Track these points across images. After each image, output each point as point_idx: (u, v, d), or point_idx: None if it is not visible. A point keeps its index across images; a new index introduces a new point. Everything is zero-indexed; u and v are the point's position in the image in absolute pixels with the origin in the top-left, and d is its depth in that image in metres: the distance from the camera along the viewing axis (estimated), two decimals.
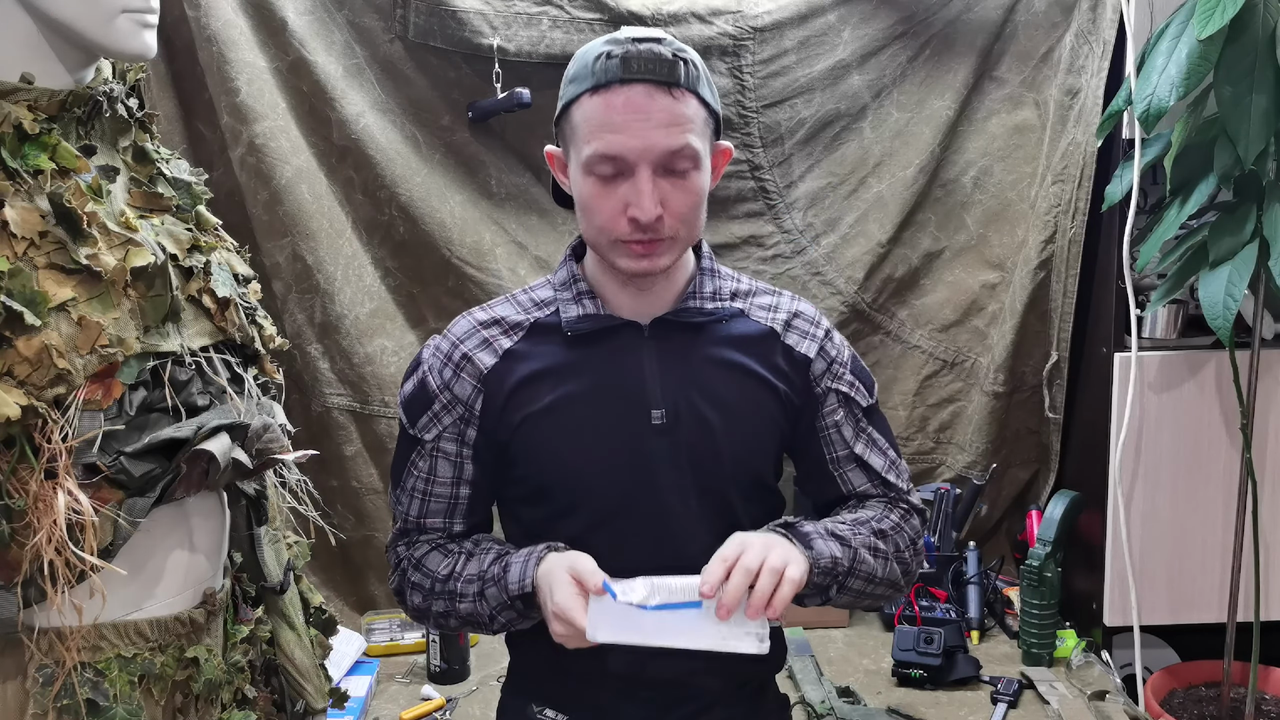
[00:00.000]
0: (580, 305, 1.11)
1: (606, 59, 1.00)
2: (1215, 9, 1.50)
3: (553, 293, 1.14)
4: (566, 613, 0.97)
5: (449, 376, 1.10)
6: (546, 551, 1.06)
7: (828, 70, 2.11)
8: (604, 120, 1.00)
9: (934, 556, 2.11)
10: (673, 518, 1.11)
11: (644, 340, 1.11)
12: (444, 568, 1.11)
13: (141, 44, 1.03)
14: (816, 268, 2.18)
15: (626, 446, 1.09)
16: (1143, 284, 1.95)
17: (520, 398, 1.09)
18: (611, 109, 0.99)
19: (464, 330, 1.13)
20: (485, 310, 1.15)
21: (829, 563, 1.04)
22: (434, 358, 1.12)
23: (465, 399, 1.10)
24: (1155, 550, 1.93)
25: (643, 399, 1.09)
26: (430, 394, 1.11)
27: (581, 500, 1.10)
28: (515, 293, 1.17)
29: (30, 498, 0.94)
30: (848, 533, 1.09)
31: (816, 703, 1.78)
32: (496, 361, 1.10)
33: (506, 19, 1.99)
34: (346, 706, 1.47)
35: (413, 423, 1.12)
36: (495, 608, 1.07)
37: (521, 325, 1.12)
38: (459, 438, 1.12)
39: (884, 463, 1.19)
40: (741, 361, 1.13)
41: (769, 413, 1.15)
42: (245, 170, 1.94)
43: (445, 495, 1.14)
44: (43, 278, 0.95)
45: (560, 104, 1.05)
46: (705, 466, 1.11)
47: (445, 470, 1.13)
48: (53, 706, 0.98)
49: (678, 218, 1.03)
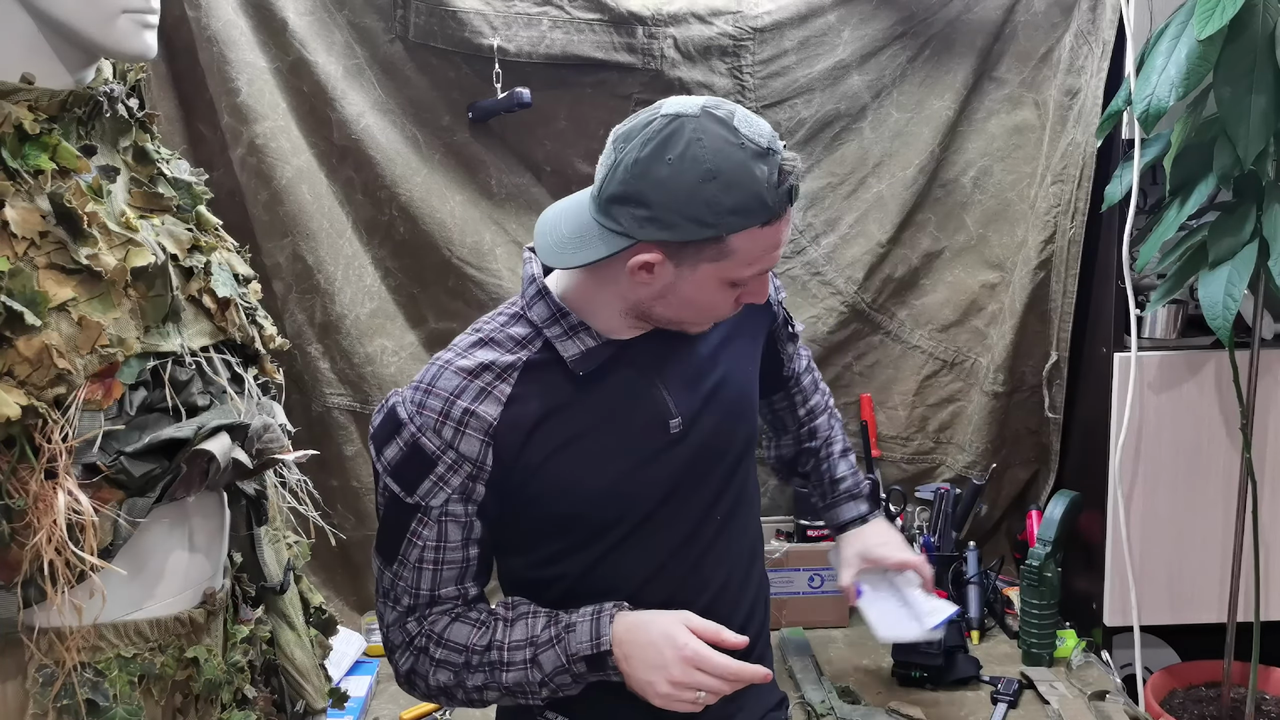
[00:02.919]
0: (578, 341, 1.07)
1: (777, 187, 0.96)
2: (1215, 9, 1.50)
3: (532, 329, 1.08)
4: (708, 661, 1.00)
5: (450, 435, 1.03)
6: (616, 610, 1.04)
7: (827, 70, 2.11)
8: (774, 243, 1.01)
9: (934, 556, 2.11)
10: (695, 512, 1.13)
11: (648, 352, 1.10)
12: (479, 638, 1.06)
13: (142, 44, 1.03)
14: (816, 268, 2.18)
15: (649, 461, 1.09)
16: (1142, 284, 1.95)
17: (537, 439, 1.06)
18: (780, 234, 1.01)
19: (453, 384, 1.04)
20: (465, 357, 1.06)
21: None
22: (422, 416, 1.03)
23: (474, 456, 1.04)
24: (1155, 550, 1.93)
25: (659, 412, 1.10)
26: (430, 456, 1.03)
27: (611, 521, 1.10)
28: (485, 332, 1.09)
29: (30, 498, 0.94)
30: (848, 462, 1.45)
31: (816, 703, 1.78)
32: (502, 410, 1.04)
33: (506, 19, 1.99)
34: (346, 706, 1.47)
35: (410, 490, 1.05)
36: (551, 672, 1.03)
37: (514, 366, 1.06)
38: (467, 497, 1.05)
39: (794, 319, 1.37)
40: (728, 334, 1.18)
41: (755, 365, 1.25)
42: (246, 170, 1.94)
43: (458, 560, 1.08)
44: (43, 278, 0.95)
45: (714, 231, 0.97)
46: (720, 455, 1.14)
47: (456, 534, 1.06)
48: (53, 706, 0.98)
49: None
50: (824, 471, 1.44)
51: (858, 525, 1.40)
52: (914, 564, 1.33)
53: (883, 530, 1.39)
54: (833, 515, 1.42)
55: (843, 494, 1.42)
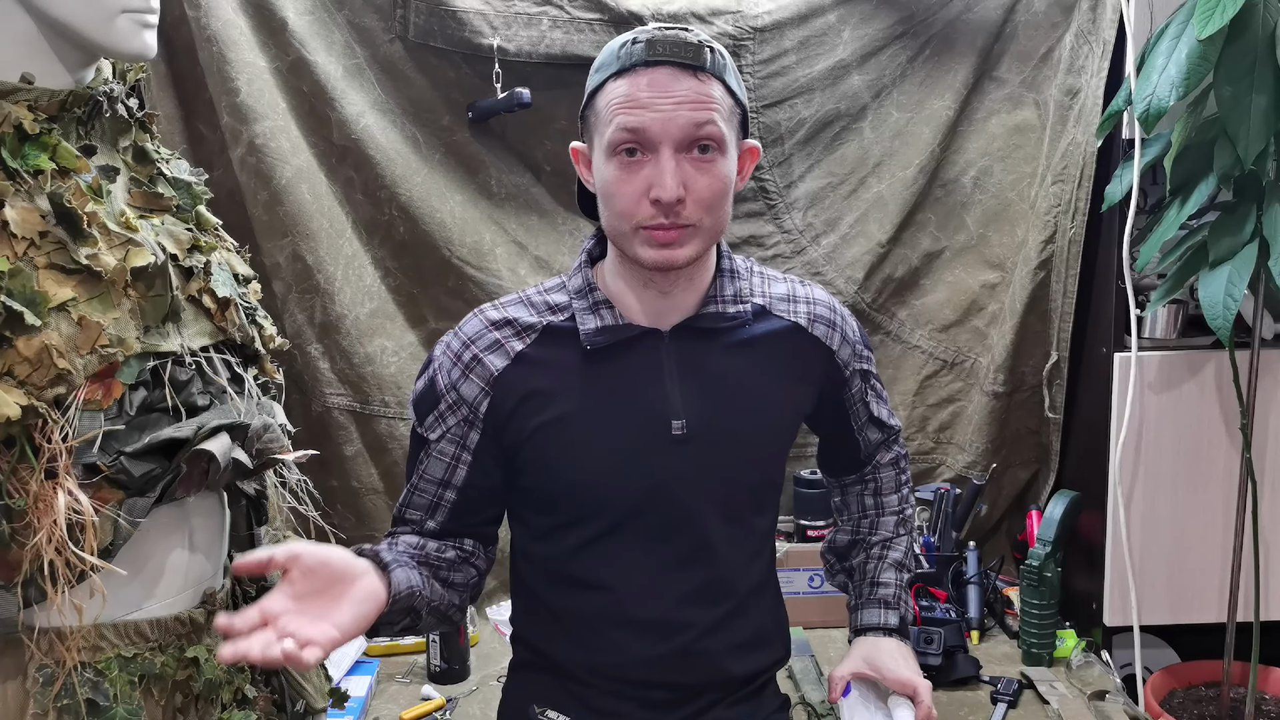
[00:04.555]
0: (598, 316, 1.09)
1: (632, 44, 1.01)
2: (1215, 9, 1.50)
3: (568, 298, 1.11)
4: None
5: (456, 377, 1.09)
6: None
7: (828, 70, 2.11)
8: (627, 97, 1.00)
9: (934, 556, 2.11)
10: (685, 525, 1.11)
11: (664, 347, 1.09)
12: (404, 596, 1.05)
13: (141, 44, 1.03)
14: (816, 268, 2.18)
15: (642, 457, 1.08)
16: (1143, 284, 1.95)
17: (532, 405, 1.08)
18: (635, 87, 1.00)
19: (475, 330, 1.11)
20: (497, 309, 1.13)
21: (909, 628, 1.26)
22: (444, 356, 1.11)
23: (471, 400, 1.09)
24: (1155, 550, 1.93)
25: (663, 409, 1.09)
26: (438, 393, 1.10)
27: (595, 510, 1.10)
28: (529, 292, 1.15)
29: (30, 498, 0.94)
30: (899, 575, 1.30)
31: (816, 703, 1.78)
32: (507, 365, 1.08)
33: (506, 19, 1.99)
34: (346, 706, 1.47)
35: (420, 420, 1.12)
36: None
37: (534, 328, 1.10)
38: (460, 440, 1.11)
39: (886, 411, 1.30)
40: (765, 364, 1.13)
41: (790, 412, 1.17)
42: (245, 170, 1.94)
43: (429, 494, 1.13)
44: (43, 278, 0.95)
45: (586, 95, 1.05)
46: (725, 473, 1.11)
47: (436, 470, 1.12)
48: (53, 706, 0.98)
49: (700, 204, 1.01)
50: (870, 570, 1.30)
51: (879, 635, 1.25)
52: (916, 687, 1.17)
53: (902, 650, 1.23)
54: (859, 615, 1.28)
55: (877, 600, 1.27)
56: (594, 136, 1.05)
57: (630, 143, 1.00)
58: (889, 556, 1.31)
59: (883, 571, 1.29)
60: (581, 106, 1.08)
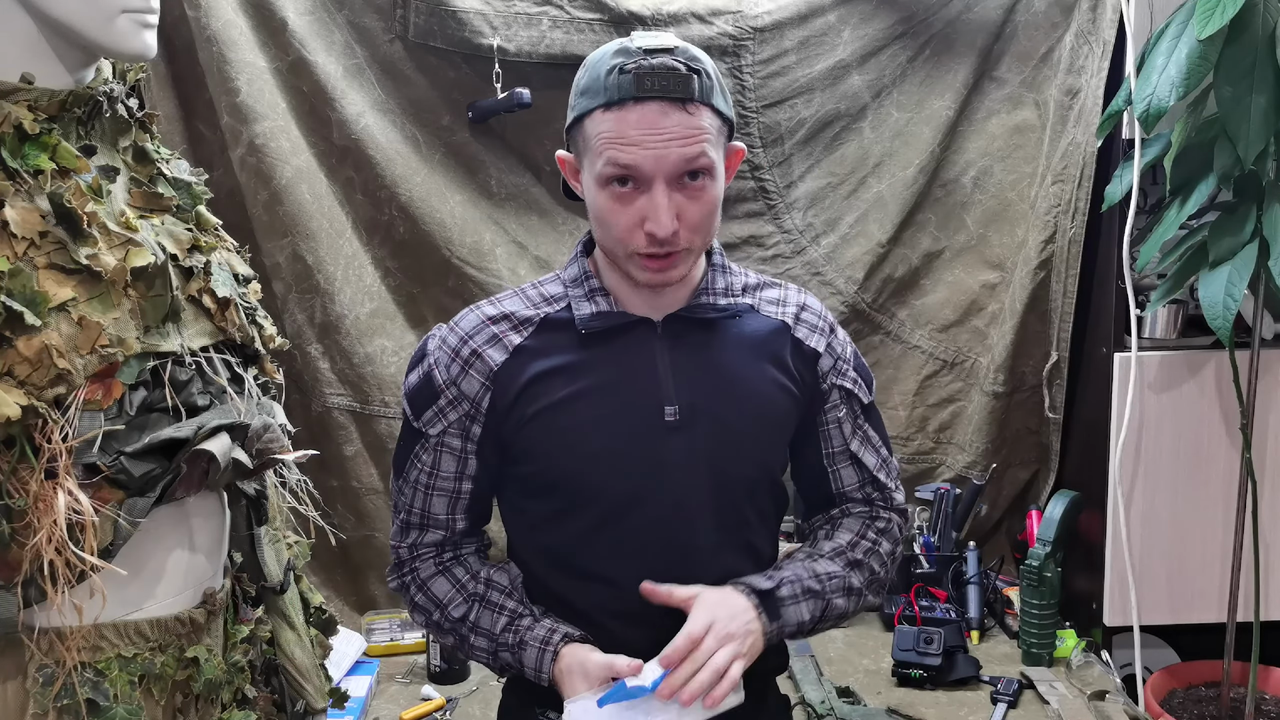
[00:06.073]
0: (593, 303, 1.11)
1: (619, 74, 0.99)
2: (1215, 9, 1.50)
3: (563, 288, 1.13)
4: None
5: (456, 373, 1.10)
6: (563, 644, 1.07)
7: (828, 70, 2.11)
8: (618, 134, 0.99)
9: (934, 556, 2.11)
10: (682, 514, 1.11)
11: (657, 337, 1.11)
12: (454, 606, 1.13)
13: (141, 44, 1.03)
14: (816, 268, 2.18)
15: (638, 442, 1.09)
16: (1143, 284, 1.95)
17: (532, 393, 1.09)
18: (625, 124, 0.99)
19: (472, 325, 1.11)
20: (493, 304, 1.14)
21: (794, 629, 1.11)
22: (440, 351, 1.11)
23: (472, 396, 1.10)
24: (1155, 550, 1.93)
25: (656, 395, 1.10)
26: (436, 389, 1.10)
27: (590, 496, 1.10)
28: (524, 287, 1.16)
29: (30, 498, 0.94)
30: (822, 582, 1.13)
31: (816, 703, 1.78)
32: (506, 358, 1.10)
33: (506, 19, 1.99)
34: (346, 706, 1.47)
35: (417, 415, 1.12)
36: (507, 668, 1.12)
37: (531, 320, 1.11)
38: (464, 433, 1.12)
39: (876, 461, 1.22)
40: (755, 358, 1.14)
41: (781, 408, 1.16)
42: (245, 170, 1.94)
43: (449, 490, 1.14)
44: (43, 278, 0.95)
45: (572, 114, 1.04)
46: (718, 463, 1.11)
47: (449, 465, 1.13)
48: (53, 706, 0.98)
49: (693, 229, 1.03)
50: (800, 548, 1.19)
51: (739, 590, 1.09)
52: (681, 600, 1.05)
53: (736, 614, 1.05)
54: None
55: (776, 567, 1.15)
56: (583, 159, 1.05)
57: (622, 175, 1.01)
58: (837, 553, 1.17)
59: (814, 558, 1.15)
60: (567, 123, 1.07)
